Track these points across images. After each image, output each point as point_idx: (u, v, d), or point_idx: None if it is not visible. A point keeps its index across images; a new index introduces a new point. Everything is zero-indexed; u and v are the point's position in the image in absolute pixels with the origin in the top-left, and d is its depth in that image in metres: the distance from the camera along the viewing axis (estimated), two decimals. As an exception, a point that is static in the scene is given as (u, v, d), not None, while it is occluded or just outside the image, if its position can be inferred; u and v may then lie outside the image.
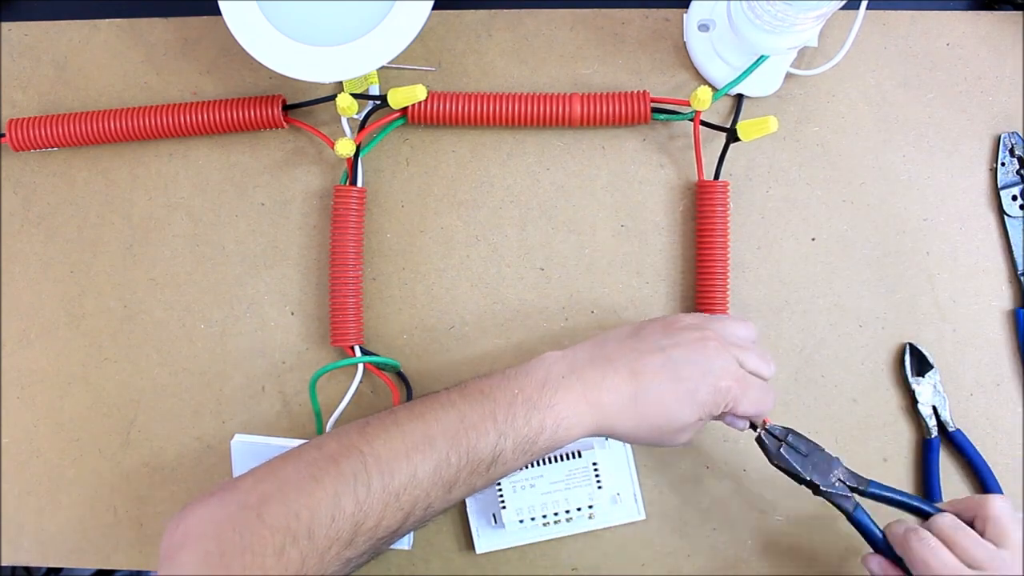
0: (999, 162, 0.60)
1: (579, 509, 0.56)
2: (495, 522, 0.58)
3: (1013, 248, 0.59)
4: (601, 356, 0.49)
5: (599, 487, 0.56)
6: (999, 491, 0.58)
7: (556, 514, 0.56)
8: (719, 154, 0.59)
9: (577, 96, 0.59)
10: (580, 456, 0.56)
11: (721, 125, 0.59)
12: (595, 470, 0.56)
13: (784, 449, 0.51)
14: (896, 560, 0.50)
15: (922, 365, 0.59)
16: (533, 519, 0.56)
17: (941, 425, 0.58)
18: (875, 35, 0.61)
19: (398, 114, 0.59)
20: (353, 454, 0.45)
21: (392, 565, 0.60)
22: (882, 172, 0.60)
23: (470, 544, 0.59)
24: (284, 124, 0.60)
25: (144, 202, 0.62)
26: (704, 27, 0.59)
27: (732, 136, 0.57)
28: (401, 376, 0.60)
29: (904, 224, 0.60)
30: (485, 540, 0.58)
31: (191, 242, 0.62)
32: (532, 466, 0.56)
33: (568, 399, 0.47)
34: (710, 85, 0.59)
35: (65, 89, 0.63)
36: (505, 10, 0.62)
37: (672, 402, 0.48)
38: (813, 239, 0.60)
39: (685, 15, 0.61)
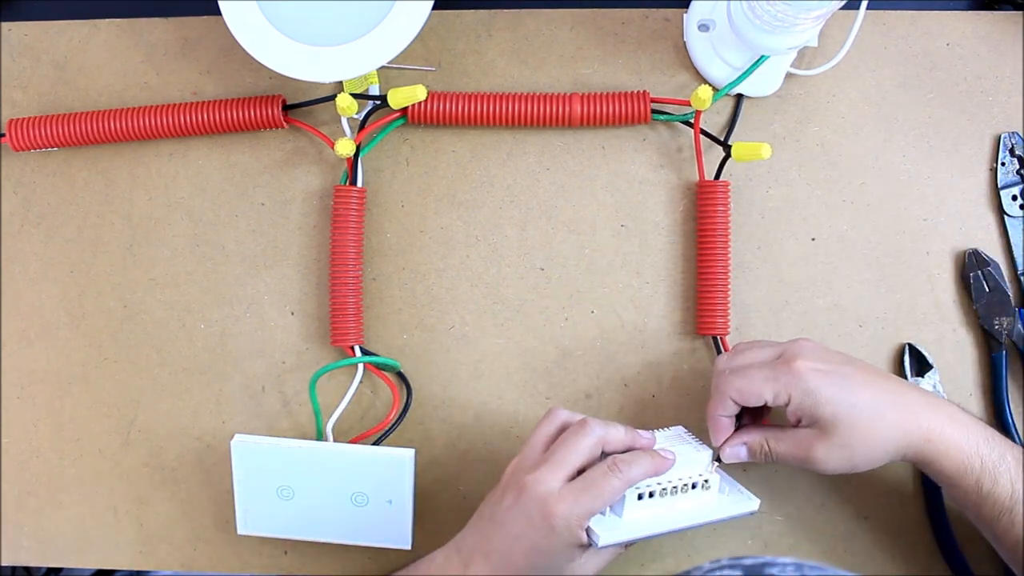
0: (999, 162, 0.59)
1: (693, 483, 0.51)
2: (607, 511, 0.50)
3: (1013, 248, 0.59)
4: (468, 555, 0.50)
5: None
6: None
7: (673, 484, 0.50)
8: (719, 156, 0.59)
9: (577, 96, 0.59)
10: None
11: (718, 137, 0.59)
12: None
13: None
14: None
15: (922, 365, 0.59)
16: (652, 494, 0.50)
17: (941, 425, 0.58)
18: (875, 35, 0.60)
19: (398, 114, 0.59)
20: None
21: (392, 565, 0.60)
22: (882, 172, 0.60)
23: (470, 544, 0.58)
24: (284, 124, 0.60)
25: (144, 202, 0.62)
26: (704, 27, 0.59)
27: (729, 152, 0.57)
28: (401, 376, 0.60)
29: (904, 224, 0.60)
30: (604, 533, 0.49)
31: (191, 242, 0.62)
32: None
33: None
34: (710, 85, 0.59)
35: (65, 89, 0.63)
36: (505, 10, 0.62)
37: (522, 551, 0.48)
38: (813, 239, 0.60)
39: (685, 15, 0.61)
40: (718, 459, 0.52)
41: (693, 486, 0.51)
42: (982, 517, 0.49)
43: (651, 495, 0.50)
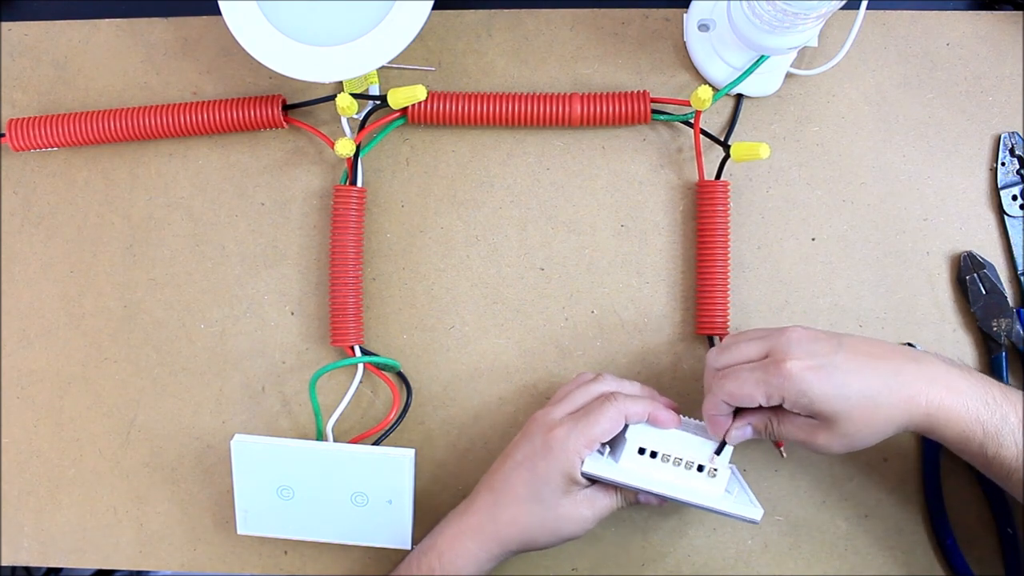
0: (999, 162, 0.59)
1: (699, 465, 0.51)
2: (605, 452, 0.52)
3: (1013, 248, 0.59)
4: (476, 490, 0.54)
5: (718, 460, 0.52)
6: (1000, 492, 0.58)
7: (678, 456, 0.51)
8: (719, 156, 0.59)
9: (577, 96, 0.59)
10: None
11: (717, 137, 0.59)
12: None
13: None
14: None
15: (922, 365, 0.58)
16: (655, 455, 0.51)
17: (941, 425, 0.58)
18: (875, 35, 0.61)
19: (398, 114, 0.60)
20: None
21: (392, 564, 0.60)
22: (882, 172, 0.60)
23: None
24: (284, 124, 0.60)
25: (144, 202, 0.62)
26: (704, 27, 0.59)
27: (729, 152, 0.57)
28: (401, 376, 0.60)
29: (904, 224, 0.60)
30: (592, 464, 0.51)
31: (191, 242, 0.62)
32: None
33: (446, 533, 0.53)
34: (710, 85, 0.59)
35: (65, 89, 0.63)
36: (505, 10, 0.62)
37: (521, 476, 0.51)
38: (813, 239, 0.60)
39: (685, 15, 0.61)
40: (719, 451, 0.52)
41: (699, 469, 0.52)
42: (994, 475, 0.49)
43: (653, 455, 0.51)
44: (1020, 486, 0.48)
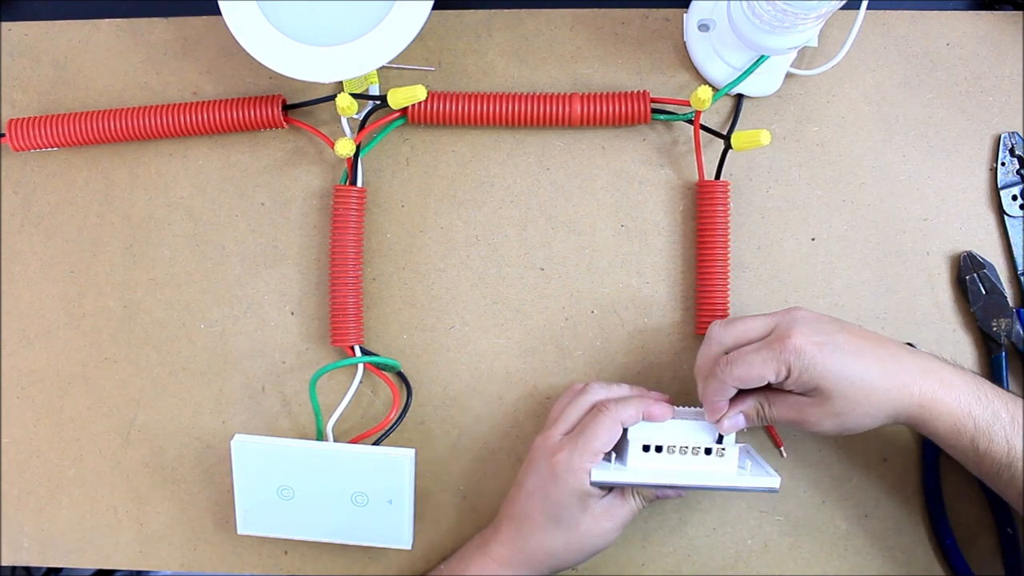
0: (999, 162, 0.60)
1: (707, 449, 0.52)
2: (612, 458, 0.53)
3: (1013, 248, 0.59)
4: (498, 519, 0.56)
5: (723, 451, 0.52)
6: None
7: (683, 445, 0.52)
8: (719, 155, 0.59)
9: (577, 96, 0.59)
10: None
11: (718, 131, 0.59)
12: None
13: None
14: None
15: (922, 365, 0.58)
16: (660, 449, 0.52)
17: (941, 425, 0.58)
18: (875, 35, 0.61)
19: (398, 114, 0.59)
20: None
21: (393, 565, 0.60)
22: (882, 172, 0.60)
23: (470, 544, 0.59)
24: (284, 124, 0.60)
25: (144, 202, 0.62)
26: (704, 27, 0.59)
27: (729, 143, 0.57)
28: (401, 376, 0.60)
29: (904, 224, 0.60)
30: (601, 473, 0.51)
31: (191, 242, 0.62)
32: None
33: (476, 562, 0.55)
34: (710, 85, 0.59)
35: (65, 89, 0.63)
36: (505, 10, 0.62)
37: (536, 504, 0.53)
38: (813, 239, 0.60)
39: (685, 15, 0.61)
40: (719, 440, 0.52)
41: (707, 452, 0.52)
42: (983, 473, 0.50)
43: (658, 449, 0.52)
44: (1009, 485, 0.48)
